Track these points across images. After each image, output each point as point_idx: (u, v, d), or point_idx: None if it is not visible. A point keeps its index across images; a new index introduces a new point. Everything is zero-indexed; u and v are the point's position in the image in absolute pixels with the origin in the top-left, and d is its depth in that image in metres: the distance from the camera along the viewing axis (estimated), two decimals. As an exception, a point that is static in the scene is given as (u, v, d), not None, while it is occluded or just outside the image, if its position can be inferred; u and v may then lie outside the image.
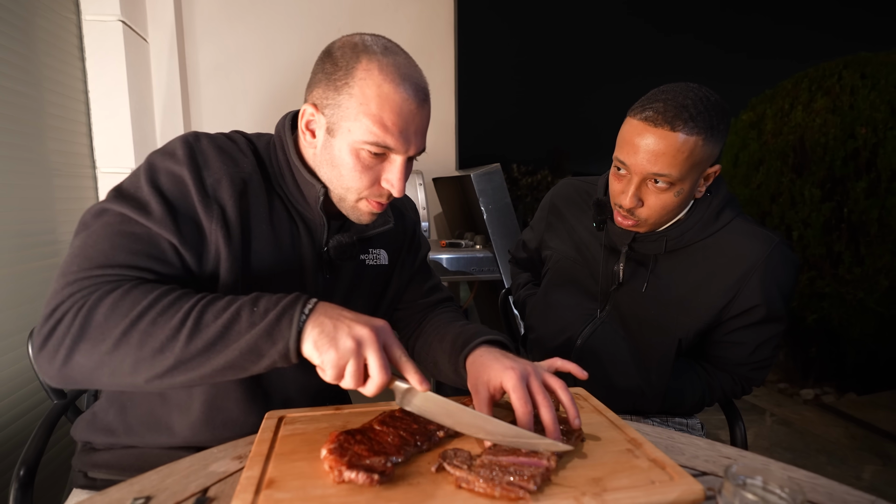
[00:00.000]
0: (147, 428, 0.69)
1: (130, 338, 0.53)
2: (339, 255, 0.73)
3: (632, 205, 0.84)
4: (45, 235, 1.47)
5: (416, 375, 0.57)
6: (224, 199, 0.64)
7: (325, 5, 2.27)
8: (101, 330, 0.53)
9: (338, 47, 0.65)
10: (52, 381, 0.57)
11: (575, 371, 0.67)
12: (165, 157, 0.64)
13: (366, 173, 0.66)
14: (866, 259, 2.26)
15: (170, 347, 0.53)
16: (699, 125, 0.78)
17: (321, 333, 0.53)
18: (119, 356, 0.53)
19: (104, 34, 1.72)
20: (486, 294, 2.55)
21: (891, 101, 2.23)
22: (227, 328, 0.54)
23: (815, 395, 2.56)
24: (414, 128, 0.65)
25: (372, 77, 0.62)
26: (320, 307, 0.56)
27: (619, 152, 0.84)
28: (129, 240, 0.59)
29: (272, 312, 0.54)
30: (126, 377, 0.54)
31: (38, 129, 1.45)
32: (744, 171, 2.69)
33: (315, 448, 0.56)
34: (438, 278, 0.94)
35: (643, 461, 0.56)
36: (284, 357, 0.54)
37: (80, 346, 0.54)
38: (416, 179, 2.04)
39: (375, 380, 0.54)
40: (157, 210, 0.60)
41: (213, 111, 2.22)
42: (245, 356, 0.54)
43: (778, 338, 0.91)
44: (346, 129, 0.64)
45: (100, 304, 0.54)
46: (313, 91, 0.67)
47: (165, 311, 0.54)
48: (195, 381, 0.55)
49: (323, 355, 0.53)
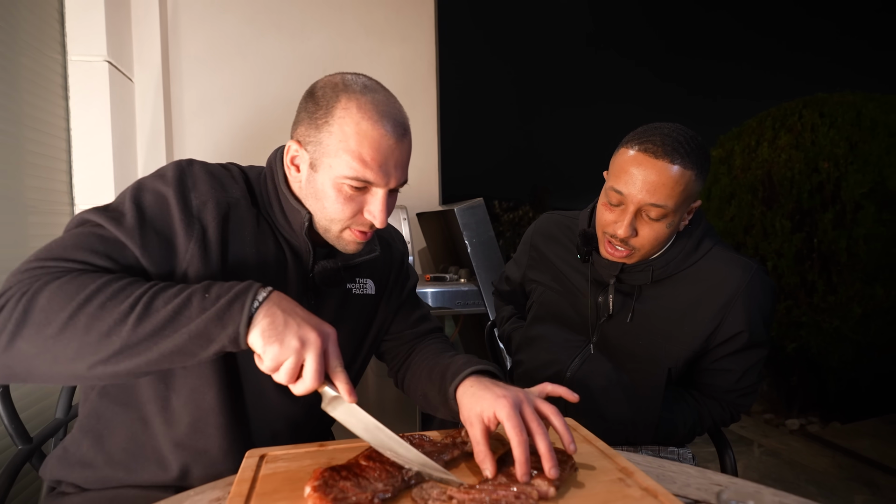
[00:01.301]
0: (132, 457, 0.67)
1: (77, 321, 0.52)
2: (324, 281, 0.74)
3: (627, 234, 0.85)
4: (17, 274, 1.43)
5: (346, 386, 0.57)
6: (207, 220, 0.65)
7: (310, 48, 2.35)
8: (45, 314, 0.52)
9: (319, 87, 0.68)
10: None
11: (566, 395, 0.67)
12: (156, 178, 0.66)
13: (348, 205, 0.67)
14: (839, 287, 2.33)
15: (116, 331, 0.52)
16: (692, 161, 0.82)
17: (271, 325, 0.54)
18: (64, 341, 0.51)
19: (89, 74, 1.74)
20: (472, 328, 2.53)
21: (848, 138, 2.37)
22: (177, 313, 0.53)
23: (801, 426, 2.57)
24: (394, 161, 0.67)
25: (350, 115, 0.64)
26: (275, 296, 0.56)
27: (616, 182, 0.86)
28: (94, 240, 0.59)
29: (224, 298, 0.54)
30: (67, 364, 0.52)
31: (15, 167, 1.43)
32: (717, 204, 2.79)
33: (298, 486, 0.54)
34: (427, 308, 0.94)
35: (635, 490, 0.55)
36: (234, 342, 0.54)
37: (22, 332, 0.52)
38: (401, 214, 2.06)
39: (306, 383, 0.55)
40: (129, 222, 0.61)
41: (196, 148, 2.22)
42: (194, 340, 0.53)
43: (762, 363, 0.93)
44: (327, 164, 0.66)
45: (45, 288, 0.53)
46: (297, 128, 0.69)
47: (115, 295, 0.53)
48: (141, 368, 0.53)
49: (266, 346, 0.53)
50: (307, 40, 2.34)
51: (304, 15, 2.33)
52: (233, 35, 2.26)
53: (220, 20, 2.24)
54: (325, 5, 2.35)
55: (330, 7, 2.36)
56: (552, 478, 0.54)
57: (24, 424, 0.82)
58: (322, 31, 2.35)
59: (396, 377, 0.87)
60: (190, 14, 2.21)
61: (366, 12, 2.40)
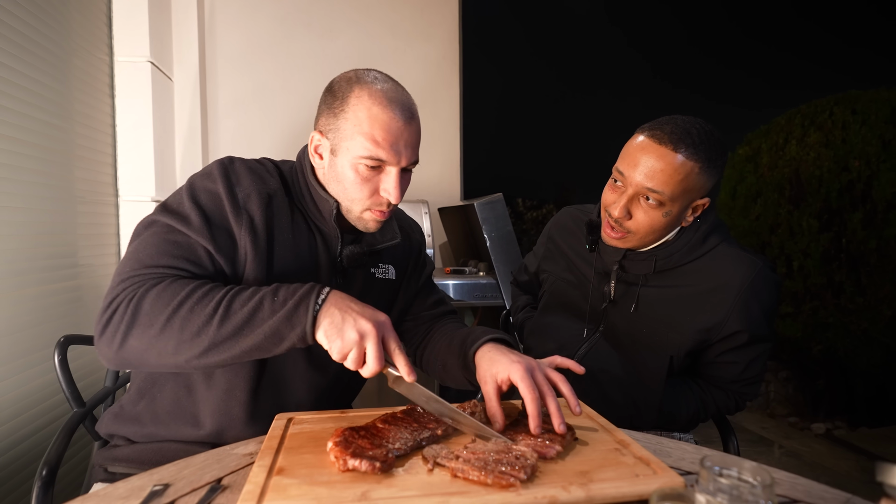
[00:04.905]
0: (172, 417, 0.76)
1: (173, 323, 0.62)
2: (351, 263, 0.82)
3: (620, 215, 0.89)
4: (68, 259, 1.55)
5: (405, 367, 0.64)
6: (252, 209, 0.74)
7: (337, 47, 2.42)
8: (148, 317, 0.62)
9: (336, 81, 0.77)
10: (111, 364, 0.66)
11: (573, 367, 0.74)
12: (204, 177, 0.75)
13: (365, 185, 0.75)
14: (867, 289, 2.28)
15: (205, 331, 0.62)
16: (699, 153, 0.84)
17: (331, 324, 0.62)
18: (164, 339, 0.62)
19: (133, 74, 1.86)
20: (490, 320, 2.57)
21: (882, 136, 2.30)
22: (252, 315, 0.62)
23: (827, 430, 2.52)
24: (403, 142, 0.74)
25: (363, 102, 0.73)
26: (332, 297, 0.64)
27: (620, 163, 0.90)
28: (171, 246, 0.69)
29: (290, 301, 0.63)
30: (170, 357, 0.63)
31: (67, 159, 1.55)
32: (742, 203, 2.75)
33: (321, 443, 0.60)
34: (443, 294, 1.01)
35: (629, 458, 0.59)
36: (302, 339, 0.62)
37: (132, 332, 0.63)
38: (422, 208, 2.12)
39: (370, 367, 0.62)
40: (196, 221, 0.70)
41: (230, 144, 2.33)
42: (269, 339, 0.62)
43: (767, 354, 0.95)
44: (345, 148, 0.74)
45: (146, 295, 0.64)
46: (319, 120, 0.78)
47: (200, 300, 0.63)
48: (226, 361, 0.63)
49: (331, 343, 0.62)
50: (334, 39, 2.42)
51: (331, 15, 2.41)
52: (264, 35, 2.36)
53: (253, 21, 2.34)
54: (351, 5, 2.43)
55: (356, 7, 2.43)
56: (561, 433, 0.62)
57: (79, 391, 0.92)
58: (348, 30, 2.43)
59: (415, 355, 0.95)
60: (225, 15, 2.31)
61: (391, 11, 2.46)
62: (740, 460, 0.54)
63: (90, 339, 1.00)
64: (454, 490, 0.51)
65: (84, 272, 1.62)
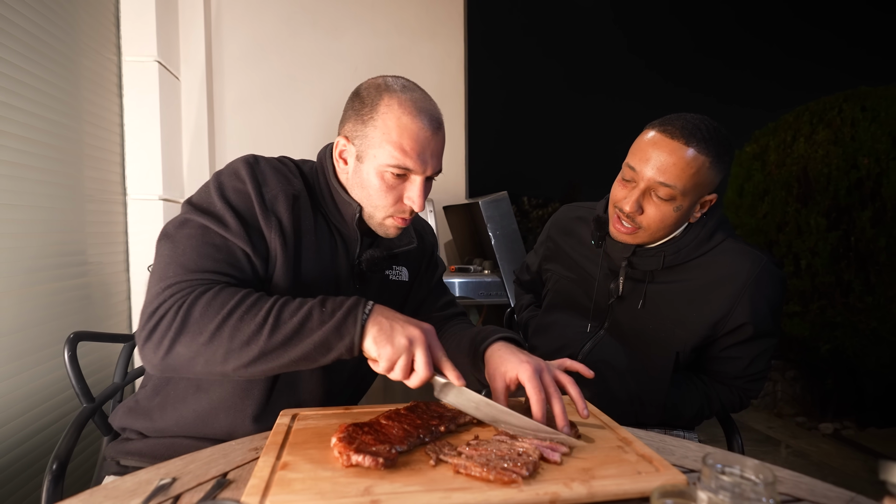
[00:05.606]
0: (186, 414, 0.76)
1: (223, 332, 0.62)
2: (370, 268, 0.82)
3: (632, 210, 0.89)
4: (77, 256, 1.56)
5: (454, 372, 0.65)
6: (280, 211, 0.74)
7: (342, 45, 2.43)
8: (198, 325, 0.63)
9: (364, 88, 0.76)
10: (155, 370, 0.65)
11: (582, 370, 0.74)
12: (231, 176, 0.74)
13: (390, 192, 0.75)
14: (876, 288, 2.26)
15: (255, 341, 0.62)
16: (710, 149, 0.85)
17: (380, 331, 0.63)
18: (213, 347, 0.62)
19: (141, 73, 1.87)
20: (495, 317, 2.57)
21: (891, 133, 2.28)
22: (302, 325, 0.63)
23: (835, 430, 2.50)
24: (430, 152, 0.74)
25: (392, 111, 0.73)
26: (377, 308, 0.65)
27: (631, 158, 0.90)
28: (212, 249, 0.69)
29: (339, 312, 0.63)
30: (218, 365, 0.63)
31: (75, 158, 1.57)
32: (749, 200, 2.73)
33: (326, 439, 0.61)
34: (453, 296, 1.02)
35: (632, 455, 0.59)
36: (349, 350, 0.63)
37: (181, 339, 0.62)
38: (428, 207, 2.12)
39: (420, 374, 0.63)
40: (233, 223, 0.70)
41: (236, 142, 2.35)
42: (317, 349, 0.63)
43: (771, 350, 0.94)
44: (372, 155, 0.74)
45: (196, 302, 0.64)
46: (345, 125, 0.78)
47: (249, 309, 0.63)
48: (273, 371, 0.64)
49: (380, 350, 0.62)
50: (340, 38, 2.43)
51: (337, 13, 2.42)
52: (270, 34, 2.36)
53: (259, 20, 2.35)
54: (357, 4, 2.43)
55: (362, 5, 2.43)
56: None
57: (88, 387, 0.93)
58: (354, 28, 2.43)
59: None
60: (231, 15, 2.32)
61: (397, 10, 2.46)
62: (743, 458, 0.54)
63: (99, 336, 1.01)
64: (456, 486, 0.51)
65: (93, 270, 1.64)
